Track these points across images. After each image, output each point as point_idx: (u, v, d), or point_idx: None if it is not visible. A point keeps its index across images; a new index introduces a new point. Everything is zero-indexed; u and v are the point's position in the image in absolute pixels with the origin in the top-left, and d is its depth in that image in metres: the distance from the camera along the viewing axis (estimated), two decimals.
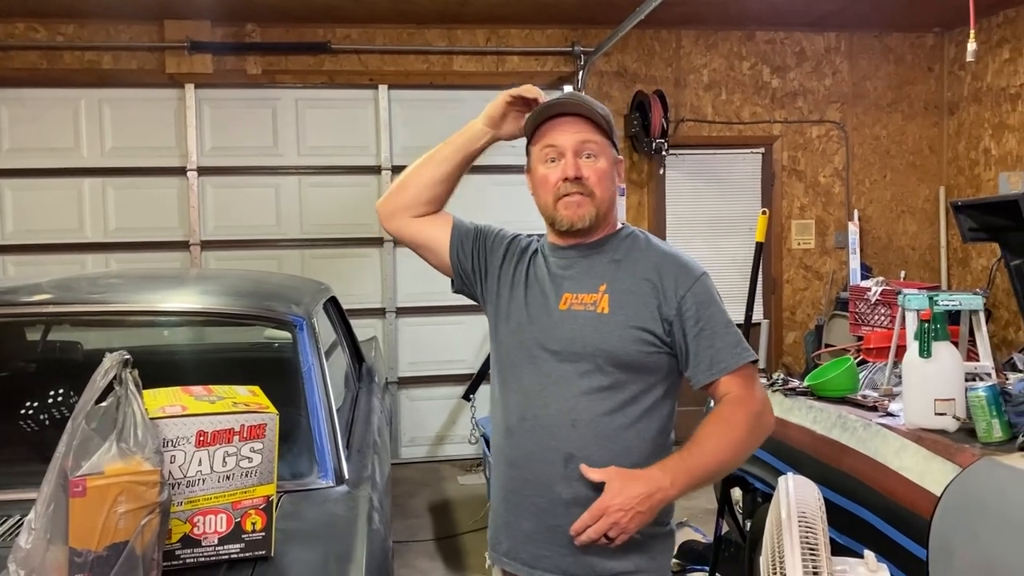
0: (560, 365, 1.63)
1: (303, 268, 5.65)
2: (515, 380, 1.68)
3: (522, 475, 1.66)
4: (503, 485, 1.72)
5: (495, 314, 1.76)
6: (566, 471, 1.60)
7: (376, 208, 1.87)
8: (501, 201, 5.84)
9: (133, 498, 1.46)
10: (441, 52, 5.89)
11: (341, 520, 2.00)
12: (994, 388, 2.25)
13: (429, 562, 4.08)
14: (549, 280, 1.70)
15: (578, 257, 1.69)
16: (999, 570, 2.00)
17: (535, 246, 1.80)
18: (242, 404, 1.73)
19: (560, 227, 1.67)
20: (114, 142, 5.58)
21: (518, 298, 1.72)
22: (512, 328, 1.71)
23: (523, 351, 1.67)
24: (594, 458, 1.58)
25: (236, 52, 5.65)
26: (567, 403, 1.61)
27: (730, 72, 6.24)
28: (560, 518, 1.61)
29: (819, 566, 2.07)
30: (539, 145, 1.68)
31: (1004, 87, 5.84)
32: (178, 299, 2.64)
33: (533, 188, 1.73)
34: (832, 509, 2.47)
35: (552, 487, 1.62)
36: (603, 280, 1.64)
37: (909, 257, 6.49)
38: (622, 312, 1.61)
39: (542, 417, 1.63)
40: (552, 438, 1.61)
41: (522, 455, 1.66)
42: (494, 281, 1.78)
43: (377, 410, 3.21)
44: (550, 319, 1.66)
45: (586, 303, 1.63)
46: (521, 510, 1.67)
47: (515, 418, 1.67)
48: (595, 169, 1.64)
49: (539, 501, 1.63)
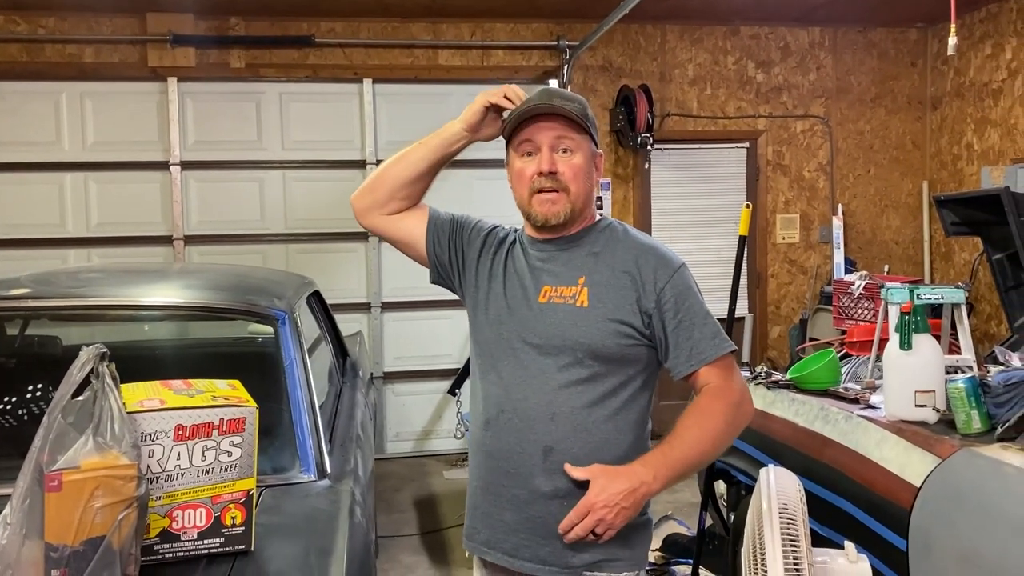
0: (539, 358, 1.64)
1: (287, 263, 5.62)
2: (494, 372, 1.69)
3: (501, 467, 1.67)
4: (482, 476, 1.73)
5: (473, 306, 1.77)
6: (545, 464, 1.62)
7: (350, 202, 1.86)
8: (485, 195, 5.83)
9: (110, 492, 1.45)
10: (426, 46, 5.87)
11: (323, 514, 2.00)
12: (973, 380, 2.27)
13: (413, 557, 4.07)
14: (528, 273, 1.71)
15: (556, 250, 1.71)
16: (977, 560, 2.01)
17: (513, 237, 1.81)
18: (221, 398, 1.72)
19: (535, 222, 1.69)
20: (96, 136, 5.53)
21: (497, 290, 1.73)
22: (491, 320, 1.72)
23: (502, 343, 1.68)
24: (573, 451, 1.60)
25: (219, 45, 5.61)
26: (546, 396, 1.62)
27: (715, 67, 6.26)
28: (540, 510, 1.63)
29: (800, 557, 2.08)
30: (517, 141, 1.70)
31: (986, 82, 5.87)
32: (159, 293, 2.62)
33: (511, 183, 1.75)
34: (813, 501, 2.48)
35: (531, 479, 1.63)
36: (582, 273, 1.66)
37: (893, 251, 6.53)
38: (601, 305, 1.62)
39: (521, 410, 1.64)
40: (531, 431, 1.63)
41: (501, 447, 1.66)
42: (472, 273, 1.79)
43: (361, 405, 3.20)
44: (530, 312, 1.67)
45: (565, 296, 1.64)
46: (501, 501, 1.68)
47: (494, 410, 1.68)
48: (570, 164, 1.66)
49: (519, 493, 1.65)
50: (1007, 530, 1.96)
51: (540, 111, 1.66)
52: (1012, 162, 5.65)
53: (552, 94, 1.70)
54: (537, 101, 1.68)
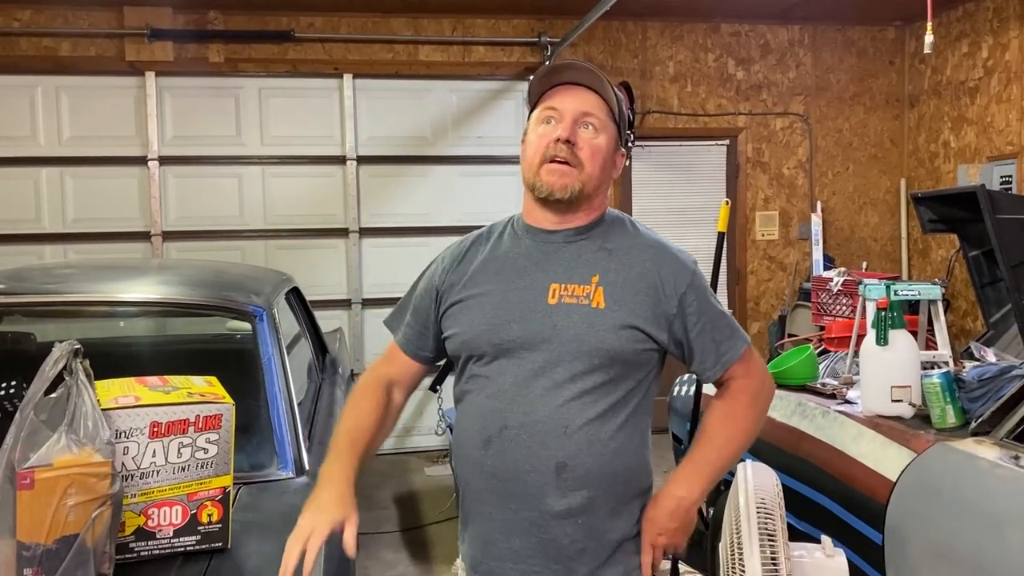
0: (548, 366, 1.47)
1: (267, 259, 5.59)
2: (490, 384, 1.52)
3: (507, 489, 1.49)
4: (483, 501, 1.54)
5: (455, 321, 1.58)
6: (558, 482, 1.47)
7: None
8: (467, 192, 5.84)
9: (83, 490, 1.44)
10: (406, 41, 5.85)
11: (300, 511, 1.99)
12: (948, 375, 2.29)
13: (394, 553, 4.07)
14: (529, 269, 1.53)
15: (564, 243, 1.54)
16: (951, 553, 2.04)
17: (487, 233, 1.64)
18: (198, 394, 1.71)
19: (539, 193, 1.50)
20: (72, 131, 5.47)
21: (485, 295, 1.54)
22: (482, 328, 1.52)
23: (502, 352, 1.50)
24: (587, 464, 1.47)
25: (198, 40, 5.56)
26: (558, 408, 1.46)
27: (695, 64, 6.28)
28: (554, 531, 1.48)
29: (777, 552, 2.10)
30: (540, 107, 1.54)
31: (963, 81, 5.93)
32: (135, 289, 2.59)
33: (523, 152, 1.57)
34: (791, 495, 2.50)
35: (543, 499, 1.47)
36: (595, 271, 1.51)
37: (871, 248, 6.58)
38: (619, 308, 1.48)
39: (529, 424, 1.47)
40: (542, 447, 1.46)
41: (507, 467, 1.49)
42: (447, 301, 1.60)
43: (340, 401, 3.18)
44: (537, 314, 1.49)
45: (578, 296, 1.49)
46: (509, 527, 1.51)
47: (495, 426, 1.49)
48: (591, 142, 1.49)
49: (529, 515, 1.49)
50: (980, 523, 1.98)
51: (575, 78, 1.51)
52: (988, 160, 5.71)
53: (587, 65, 1.54)
54: (570, 64, 1.53)
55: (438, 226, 5.78)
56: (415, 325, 1.66)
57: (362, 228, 5.77)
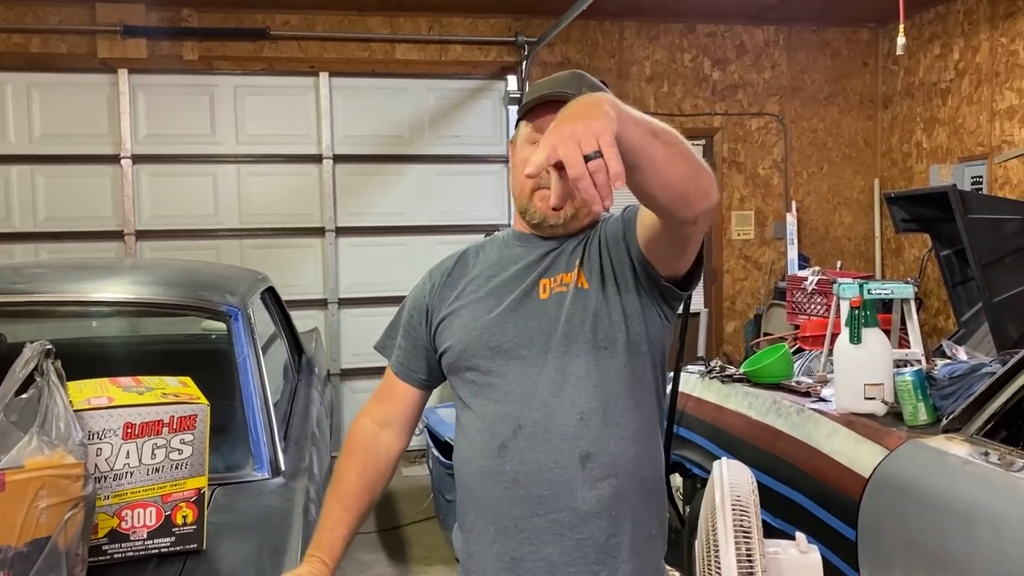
0: (551, 356, 1.43)
1: (242, 259, 5.54)
2: (495, 389, 1.45)
3: (532, 493, 1.41)
4: (502, 514, 1.43)
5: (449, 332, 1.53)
6: (584, 474, 1.40)
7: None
8: (444, 191, 5.82)
9: (55, 492, 1.42)
10: (383, 40, 5.83)
11: (276, 512, 1.98)
12: (920, 373, 2.32)
13: (371, 554, 4.05)
14: (520, 271, 1.51)
15: (555, 245, 1.52)
16: (922, 549, 2.06)
17: (469, 250, 1.61)
18: (172, 395, 1.69)
19: (531, 219, 1.50)
20: (43, 129, 5.39)
21: (479, 301, 1.51)
22: (477, 332, 1.48)
23: (501, 356, 1.46)
24: (610, 449, 1.41)
25: (172, 37, 5.51)
26: (569, 396, 1.42)
27: (672, 64, 6.31)
28: (589, 528, 1.40)
29: (752, 549, 2.11)
30: (531, 126, 1.49)
31: (935, 82, 6.00)
32: (108, 289, 2.56)
33: (512, 168, 1.56)
34: (766, 493, 2.52)
35: (573, 496, 1.40)
36: (576, 257, 1.49)
37: (845, 247, 6.65)
38: (601, 283, 1.45)
39: (543, 419, 1.41)
40: (563, 439, 1.40)
41: (528, 470, 1.41)
42: (439, 315, 1.55)
43: (316, 402, 3.17)
44: (532, 311, 1.47)
45: (567, 283, 1.47)
46: (538, 535, 1.41)
47: (509, 430, 1.42)
48: None
49: (561, 517, 1.40)
50: (951, 519, 2.01)
51: (561, 98, 1.41)
52: (959, 160, 5.79)
53: (583, 81, 1.47)
54: (562, 87, 1.45)
55: (415, 225, 5.77)
56: (406, 346, 1.60)
57: (339, 227, 5.75)
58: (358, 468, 1.54)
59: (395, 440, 1.60)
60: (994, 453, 2.00)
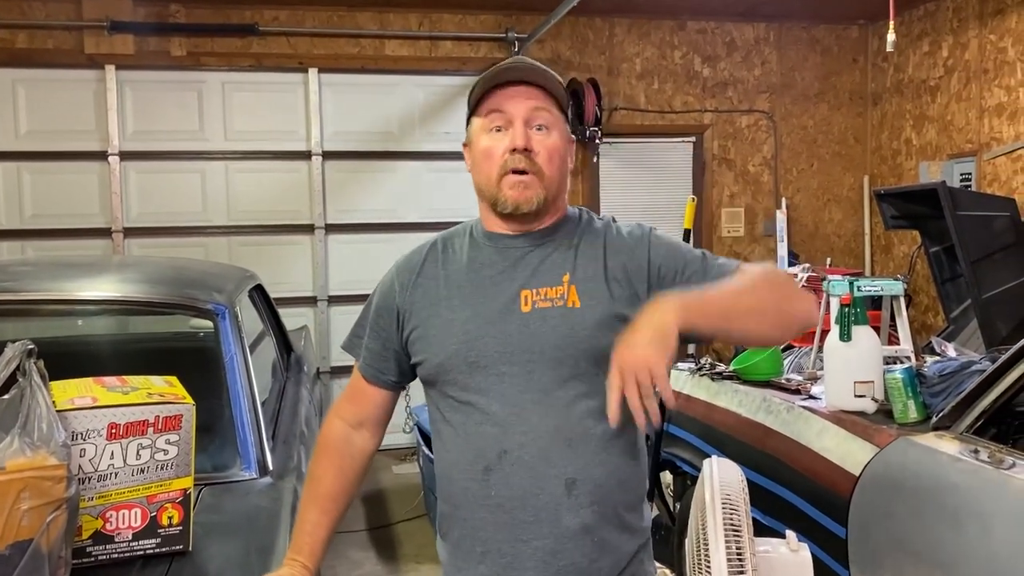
0: (535, 376, 1.38)
1: (231, 256, 5.51)
2: (476, 410, 1.40)
3: (516, 519, 1.38)
4: (487, 537, 1.41)
5: (425, 345, 1.46)
6: (570, 499, 1.37)
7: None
8: (434, 188, 5.81)
9: (38, 494, 1.40)
10: (373, 36, 5.80)
11: (263, 512, 1.97)
12: (910, 370, 2.32)
13: (362, 552, 4.04)
14: (496, 279, 1.44)
15: (530, 246, 1.45)
16: (912, 547, 2.06)
17: (440, 245, 1.53)
18: (157, 395, 1.68)
19: (503, 209, 1.42)
20: (30, 125, 5.35)
21: (455, 311, 1.44)
22: (454, 347, 1.41)
23: (480, 371, 1.40)
24: (595, 475, 1.39)
25: (159, 33, 5.46)
26: (555, 420, 1.37)
27: (662, 61, 6.30)
28: (572, 554, 1.38)
29: (742, 547, 2.10)
30: (484, 113, 1.43)
31: (924, 79, 6.02)
32: (93, 287, 2.54)
33: (472, 163, 1.47)
34: (756, 491, 2.52)
35: (558, 522, 1.38)
36: (564, 269, 1.42)
37: (835, 244, 6.66)
38: (594, 302, 1.40)
39: (530, 443, 1.37)
40: (549, 464, 1.37)
41: (512, 495, 1.38)
42: (411, 323, 1.49)
43: (305, 400, 3.15)
44: (513, 325, 1.39)
45: (552, 298, 1.40)
46: (521, 561, 1.39)
47: (493, 453, 1.38)
48: (546, 145, 1.41)
49: (544, 543, 1.38)
50: (941, 517, 2.01)
51: (515, 76, 1.41)
52: (948, 157, 5.80)
53: (524, 60, 1.45)
54: (507, 66, 1.42)
55: (405, 222, 5.75)
56: (375, 347, 1.54)
57: (328, 224, 5.72)
58: (333, 470, 1.52)
59: (369, 440, 1.57)
60: (984, 451, 2.00)
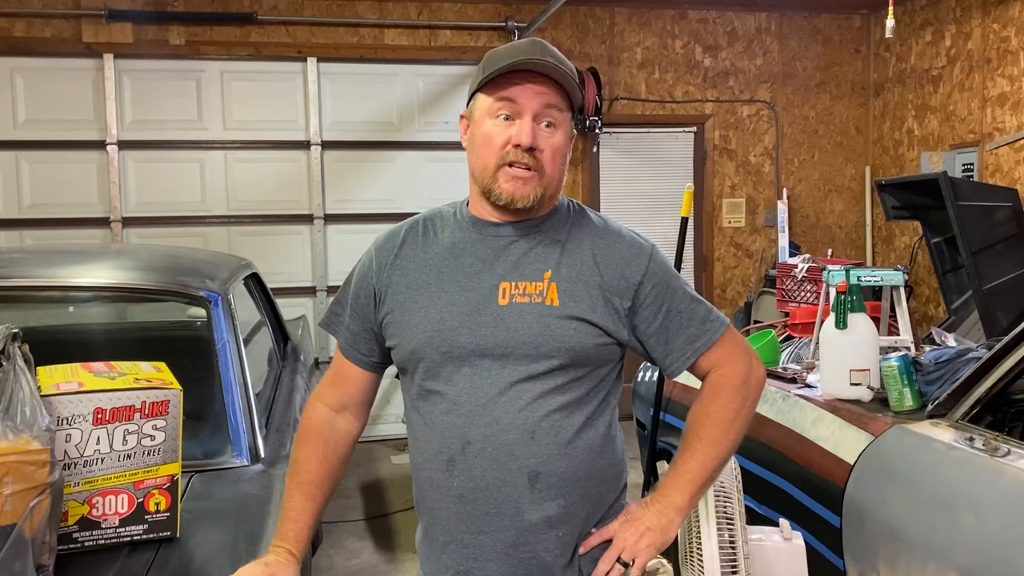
0: (506, 370, 1.37)
1: (230, 246, 5.49)
2: (443, 399, 1.40)
3: (478, 510, 1.38)
4: (451, 528, 1.41)
5: (399, 329, 1.45)
6: (533, 493, 1.37)
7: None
8: (434, 177, 5.78)
9: (20, 479, 1.39)
10: (372, 25, 5.77)
11: (254, 499, 1.96)
12: (906, 358, 2.30)
13: (359, 542, 4.04)
14: (476, 267, 1.42)
15: (515, 237, 1.43)
16: (906, 535, 2.05)
17: (424, 225, 1.51)
18: (144, 380, 1.67)
19: (497, 200, 1.39)
20: (28, 114, 5.33)
21: (431, 297, 1.42)
22: (427, 336, 1.40)
23: (452, 361, 1.39)
24: (560, 470, 1.38)
25: (158, 21, 5.44)
26: (521, 414, 1.36)
27: (663, 51, 6.27)
28: (533, 546, 1.38)
29: (735, 535, 2.09)
30: (494, 96, 1.38)
31: (927, 69, 5.98)
32: (86, 274, 2.53)
33: (470, 141, 1.42)
34: (751, 479, 2.51)
35: (520, 515, 1.38)
36: (547, 266, 1.41)
37: (836, 235, 6.63)
38: (574, 304, 1.39)
39: (494, 436, 1.36)
40: (511, 458, 1.36)
41: (475, 486, 1.38)
42: (387, 305, 1.47)
43: (301, 389, 3.14)
44: (488, 317, 1.38)
45: (530, 294, 1.39)
46: (483, 552, 1.39)
47: (457, 444, 1.38)
48: (551, 143, 1.39)
49: (506, 536, 1.38)
50: (935, 505, 1.99)
51: (534, 67, 1.35)
52: (951, 148, 5.77)
53: (545, 50, 1.38)
54: (528, 55, 1.35)
55: (404, 212, 5.65)
56: (355, 328, 1.52)
57: (327, 214, 5.71)
58: (317, 456, 1.51)
59: (353, 423, 1.57)
60: (979, 439, 1.98)
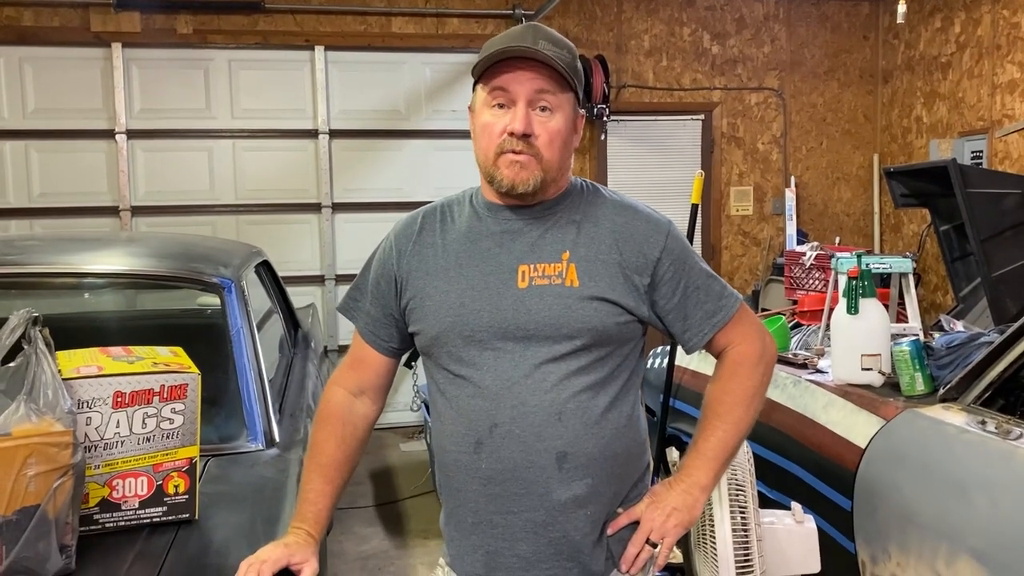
0: (529, 352, 1.39)
1: (238, 234, 5.51)
2: (468, 383, 1.42)
3: (507, 491, 1.40)
4: (479, 508, 1.43)
5: (421, 315, 1.47)
6: (561, 473, 1.39)
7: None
8: (442, 166, 5.78)
9: (44, 460, 1.41)
10: (379, 13, 5.77)
11: (270, 483, 1.97)
12: (917, 342, 2.31)
13: (369, 528, 4.06)
14: (494, 251, 1.44)
15: (530, 219, 1.45)
16: (918, 518, 2.06)
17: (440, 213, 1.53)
18: (162, 364, 1.68)
19: (499, 187, 1.42)
20: (37, 103, 5.35)
21: (452, 283, 1.45)
22: (450, 321, 1.43)
23: (474, 345, 1.41)
24: (587, 449, 1.40)
25: (165, 10, 5.45)
26: (547, 395, 1.39)
27: (671, 38, 6.25)
28: (563, 527, 1.41)
29: (747, 519, 2.11)
30: (489, 86, 1.41)
31: (936, 56, 5.95)
32: (100, 261, 2.54)
33: (473, 133, 1.47)
34: (762, 464, 2.52)
35: (548, 495, 1.40)
36: (564, 247, 1.43)
37: (844, 223, 6.62)
38: (593, 284, 1.41)
39: (521, 418, 1.38)
40: (539, 439, 1.38)
41: (503, 468, 1.40)
42: (409, 292, 1.50)
43: (312, 376, 3.16)
44: (508, 300, 1.40)
45: (550, 275, 1.41)
46: (512, 532, 1.41)
47: (484, 426, 1.40)
48: (547, 128, 1.40)
49: (535, 516, 1.40)
50: (947, 488, 2.00)
51: (521, 54, 1.38)
52: (959, 135, 5.75)
53: (538, 33, 1.40)
54: (519, 41, 1.38)
55: (413, 201, 5.71)
56: (376, 314, 1.54)
57: (335, 203, 5.72)
58: (335, 439, 1.52)
59: (371, 407, 1.58)
60: (991, 422, 1.99)
